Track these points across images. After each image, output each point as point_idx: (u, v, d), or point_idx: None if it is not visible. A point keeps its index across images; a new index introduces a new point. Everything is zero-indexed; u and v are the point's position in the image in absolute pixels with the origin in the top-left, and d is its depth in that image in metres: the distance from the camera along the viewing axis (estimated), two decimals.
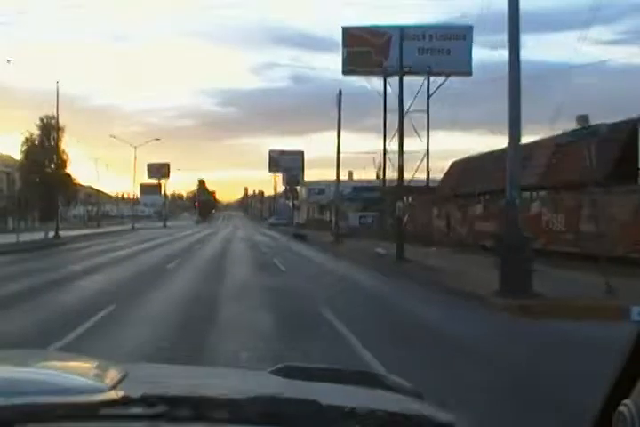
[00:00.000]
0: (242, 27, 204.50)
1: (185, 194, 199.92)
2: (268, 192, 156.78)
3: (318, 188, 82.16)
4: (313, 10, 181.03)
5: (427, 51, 41.85)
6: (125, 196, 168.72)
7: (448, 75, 41.95)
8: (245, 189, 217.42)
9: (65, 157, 39.32)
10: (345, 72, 41.85)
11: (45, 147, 38.45)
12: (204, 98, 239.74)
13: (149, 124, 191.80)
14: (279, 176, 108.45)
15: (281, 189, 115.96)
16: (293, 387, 1.67)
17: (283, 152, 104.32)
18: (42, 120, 38.90)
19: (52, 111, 37.11)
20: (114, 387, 1.48)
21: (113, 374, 1.63)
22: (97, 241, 41.33)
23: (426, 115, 42.92)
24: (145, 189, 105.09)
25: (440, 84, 42.57)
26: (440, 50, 41.72)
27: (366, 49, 41.89)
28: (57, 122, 37.97)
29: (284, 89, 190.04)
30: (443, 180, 35.57)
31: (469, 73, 42.11)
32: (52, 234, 38.17)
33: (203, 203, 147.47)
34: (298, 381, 1.75)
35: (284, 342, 8.85)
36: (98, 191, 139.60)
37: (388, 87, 42.55)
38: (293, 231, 55.29)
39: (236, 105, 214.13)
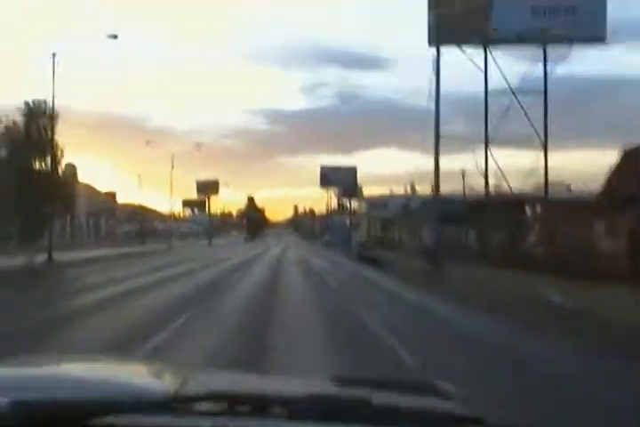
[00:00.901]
0: (288, 46, 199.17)
1: (234, 212, 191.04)
2: (319, 210, 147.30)
3: (380, 202, 70.87)
4: (358, 28, 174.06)
5: (544, 10, 30.37)
6: (179, 213, 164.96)
7: (572, 41, 30.38)
8: (295, 207, 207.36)
9: (59, 152, 28.82)
10: (432, 42, 30.61)
11: (32, 139, 28.05)
12: (252, 117, 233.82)
13: (200, 144, 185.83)
14: (331, 191, 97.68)
15: (334, 205, 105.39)
16: (348, 391, 1.75)
17: (335, 168, 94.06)
18: (28, 104, 28.66)
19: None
20: (182, 387, 1.59)
21: (180, 376, 1.75)
22: (106, 265, 30.89)
23: (543, 98, 31.31)
24: (189, 205, 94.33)
25: (563, 57, 31.01)
26: (562, 8, 30.19)
27: (460, 9, 30.65)
28: (52, 107, 27.34)
29: (332, 108, 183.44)
30: (611, 178, 23.36)
31: (603, 39, 30.43)
32: (41, 257, 27.49)
33: (252, 220, 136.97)
34: (355, 388, 1.80)
35: None
36: (145, 209, 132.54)
37: (489, 60, 31.29)
38: (358, 252, 43.94)
39: (283, 124, 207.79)
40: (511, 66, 57.21)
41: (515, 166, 50.04)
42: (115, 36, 26.30)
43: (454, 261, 28.14)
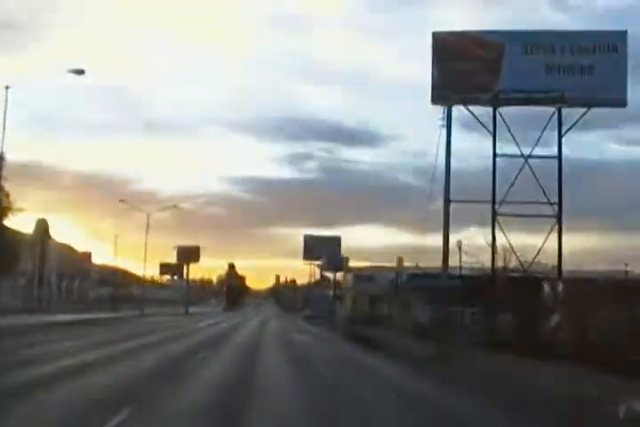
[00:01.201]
0: (273, 117, 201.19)
1: (215, 279, 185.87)
2: (301, 281, 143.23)
3: (367, 275, 66.98)
4: (342, 103, 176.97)
5: (558, 69, 27.75)
6: (157, 279, 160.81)
7: (591, 105, 27.61)
8: (277, 277, 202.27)
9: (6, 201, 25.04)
10: (435, 99, 27.75)
11: None
12: (236, 186, 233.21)
13: (181, 211, 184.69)
14: (314, 264, 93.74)
15: (317, 277, 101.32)
16: None
17: (318, 237, 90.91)
18: None
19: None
20: None
21: None
22: (58, 334, 26.64)
23: (557, 162, 28.24)
24: (165, 269, 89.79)
25: (579, 118, 28.06)
26: (578, 67, 27.61)
27: (467, 65, 27.98)
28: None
29: (316, 180, 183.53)
30: None
31: (624, 103, 27.72)
32: None
33: (232, 288, 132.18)
34: None
35: None
36: (124, 272, 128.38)
37: (499, 118, 28.44)
38: (345, 329, 39.62)
39: (266, 194, 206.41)
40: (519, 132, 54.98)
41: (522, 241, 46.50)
42: (80, 72, 23.13)
43: (453, 344, 24.11)
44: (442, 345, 21.86)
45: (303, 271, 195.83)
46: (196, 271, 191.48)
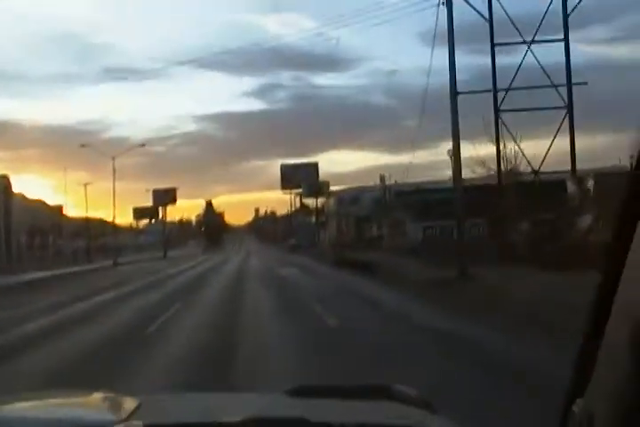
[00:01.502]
0: (238, 50, 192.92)
1: (194, 219, 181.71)
2: (282, 213, 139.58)
3: (350, 197, 63.23)
4: (310, 29, 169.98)
5: None
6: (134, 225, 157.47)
7: None
8: (256, 210, 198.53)
9: None
10: None
11: None
12: (206, 123, 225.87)
13: (156, 154, 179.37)
14: (294, 193, 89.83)
15: (298, 206, 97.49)
16: (298, 406, 1.69)
17: (296, 165, 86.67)
18: None
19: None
20: (127, 419, 1.53)
21: (127, 406, 1.67)
22: (15, 296, 22.71)
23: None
24: (140, 213, 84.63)
25: None
26: None
27: None
28: None
29: (287, 110, 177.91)
30: None
31: None
32: None
33: (210, 227, 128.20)
34: (309, 399, 1.75)
35: None
36: (102, 222, 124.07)
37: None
38: (335, 256, 36.06)
39: (238, 129, 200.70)
40: None
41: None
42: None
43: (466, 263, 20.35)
44: (465, 266, 18.11)
45: (283, 202, 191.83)
46: (174, 213, 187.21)
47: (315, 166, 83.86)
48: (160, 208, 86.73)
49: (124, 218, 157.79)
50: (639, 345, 0.88)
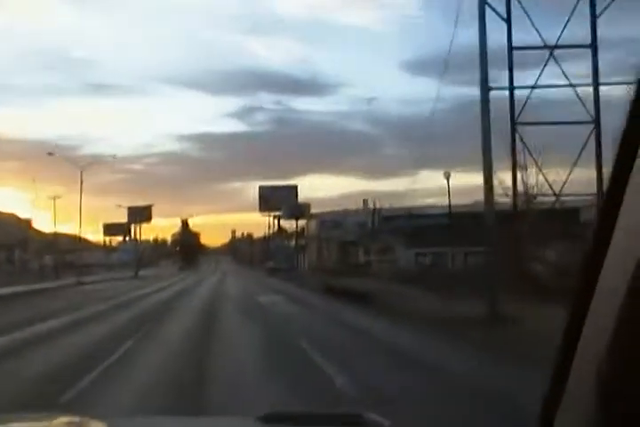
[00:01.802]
0: (220, 71, 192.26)
1: (170, 239, 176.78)
2: (259, 235, 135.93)
3: (333, 220, 59.77)
4: (292, 53, 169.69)
5: None
6: (107, 242, 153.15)
7: None
8: (233, 232, 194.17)
9: None
10: None
11: None
12: (186, 144, 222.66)
13: (134, 172, 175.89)
14: (272, 215, 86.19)
15: (276, 229, 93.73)
16: None
17: (274, 187, 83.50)
18: None
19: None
20: None
21: None
22: None
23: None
24: (110, 229, 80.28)
25: None
26: None
27: None
28: None
29: (267, 133, 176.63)
30: None
31: None
32: None
33: (186, 246, 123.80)
34: (281, 426, 1.73)
35: None
36: (75, 238, 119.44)
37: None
38: (325, 283, 32.15)
39: (219, 150, 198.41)
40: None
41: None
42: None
43: (477, 294, 16.77)
44: (494, 303, 14.51)
45: (260, 225, 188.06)
46: (149, 232, 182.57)
47: (294, 189, 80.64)
48: (133, 226, 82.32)
49: (97, 235, 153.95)
50: (602, 378, 0.88)
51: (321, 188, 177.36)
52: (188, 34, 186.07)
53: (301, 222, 72.67)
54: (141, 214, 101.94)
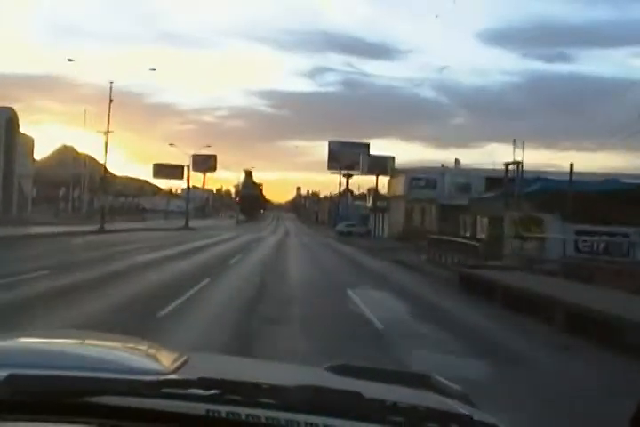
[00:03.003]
0: (293, 30, 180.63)
1: (233, 190, 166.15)
2: (325, 194, 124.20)
3: (427, 178, 46.45)
4: (365, 18, 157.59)
5: None
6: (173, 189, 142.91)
7: None
8: (298, 189, 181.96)
9: None
10: None
11: None
12: (256, 99, 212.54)
13: (203, 123, 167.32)
14: (341, 173, 72.89)
15: (344, 188, 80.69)
16: (342, 382, 1.65)
17: (345, 144, 70.21)
18: None
19: None
20: (175, 371, 1.53)
21: (176, 360, 1.65)
22: None
23: None
24: (161, 171, 67.18)
25: None
26: None
27: None
28: None
29: (337, 94, 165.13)
30: None
31: None
32: None
33: (248, 198, 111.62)
34: (349, 378, 1.71)
35: None
36: (146, 183, 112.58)
37: None
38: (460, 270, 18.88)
39: (288, 108, 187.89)
40: None
41: None
42: None
43: None
44: None
45: (326, 185, 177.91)
46: (213, 183, 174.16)
47: (366, 147, 67.10)
48: (185, 168, 69.44)
49: (167, 182, 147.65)
50: None
51: (387, 153, 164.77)
52: None
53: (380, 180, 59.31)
54: (205, 163, 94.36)
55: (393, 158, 54.67)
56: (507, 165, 26.66)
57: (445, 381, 1.80)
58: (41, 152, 73.60)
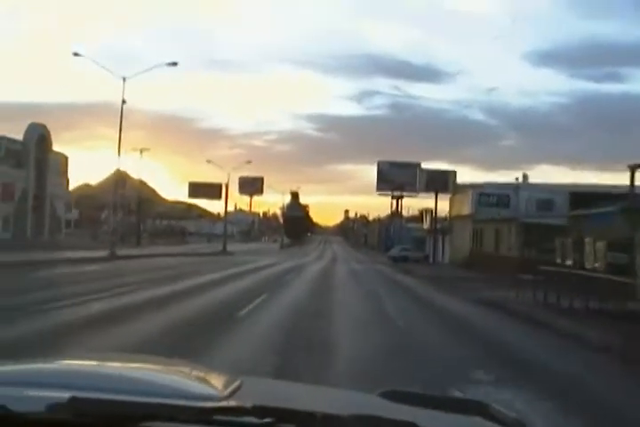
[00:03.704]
0: (339, 54, 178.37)
1: (279, 212, 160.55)
2: (373, 217, 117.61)
3: (497, 193, 38.81)
4: (411, 41, 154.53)
5: None
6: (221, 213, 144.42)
7: None
8: (346, 212, 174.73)
9: None
10: None
11: None
12: (304, 123, 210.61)
13: (252, 148, 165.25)
14: (391, 195, 65.14)
15: (395, 210, 72.92)
16: (396, 410, 1.60)
17: (395, 164, 62.69)
18: None
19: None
20: (229, 396, 1.51)
21: (229, 384, 1.64)
22: None
23: None
24: (197, 190, 59.87)
25: None
26: None
27: None
28: None
29: (385, 117, 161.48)
30: None
31: None
32: None
33: (293, 220, 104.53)
34: (402, 405, 1.67)
35: None
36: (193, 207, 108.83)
37: None
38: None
39: (336, 131, 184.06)
40: None
41: None
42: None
43: None
44: None
45: (375, 208, 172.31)
46: (260, 206, 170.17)
47: (417, 166, 59.27)
48: (224, 186, 62.25)
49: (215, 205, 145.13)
50: None
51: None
52: (309, 15, 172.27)
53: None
54: (252, 185, 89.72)
55: (454, 173, 47.17)
56: (633, 167, 19.04)
57: (501, 408, 1.69)
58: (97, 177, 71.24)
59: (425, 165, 56.58)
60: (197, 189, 56.43)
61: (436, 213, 47.77)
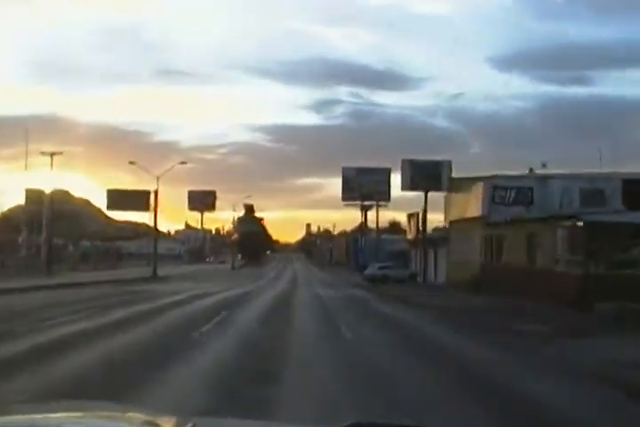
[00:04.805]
0: (297, 61, 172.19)
1: (232, 228, 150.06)
2: (338, 231, 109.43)
3: (517, 186, 29.76)
4: (371, 46, 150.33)
5: None
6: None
7: None
8: (308, 226, 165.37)
9: None
10: None
11: None
12: (258, 134, 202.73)
13: (204, 161, 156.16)
14: (358, 205, 55.68)
15: (363, 221, 63.70)
16: None
17: (362, 169, 53.34)
18: None
19: None
20: None
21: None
22: None
23: None
24: (115, 199, 47.79)
25: None
26: None
27: None
28: None
29: (345, 126, 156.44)
30: None
31: None
32: None
33: (247, 236, 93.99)
34: None
35: None
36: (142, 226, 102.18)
37: None
38: None
39: (294, 142, 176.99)
40: None
41: None
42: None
43: None
44: None
45: (340, 221, 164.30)
46: (212, 223, 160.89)
47: (387, 172, 50.17)
48: (151, 194, 51.57)
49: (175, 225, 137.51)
50: None
51: (399, 186, 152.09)
52: (264, 23, 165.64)
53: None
54: (203, 201, 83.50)
55: (449, 164, 37.81)
56: None
57: None
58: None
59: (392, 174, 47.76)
60: (119, 199, 46.00)
61: (425, 217, 38.70)
